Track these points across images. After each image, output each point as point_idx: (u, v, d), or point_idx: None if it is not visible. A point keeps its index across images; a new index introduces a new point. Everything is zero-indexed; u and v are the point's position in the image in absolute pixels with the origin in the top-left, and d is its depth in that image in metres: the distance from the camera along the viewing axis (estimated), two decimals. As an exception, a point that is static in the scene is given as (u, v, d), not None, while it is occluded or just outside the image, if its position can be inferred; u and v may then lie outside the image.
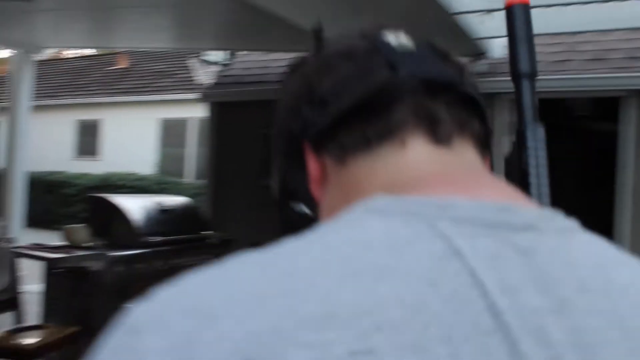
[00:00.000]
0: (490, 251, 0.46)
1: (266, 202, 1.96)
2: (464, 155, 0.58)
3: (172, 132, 16.73)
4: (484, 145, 0.62)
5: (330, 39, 0.67)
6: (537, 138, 0.72)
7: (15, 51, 8.17)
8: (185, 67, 17.92)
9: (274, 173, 0.67)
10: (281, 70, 0.88)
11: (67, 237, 4.67)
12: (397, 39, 0.61)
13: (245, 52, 7.79)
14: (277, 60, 6.69)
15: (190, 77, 17.06)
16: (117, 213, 4.79)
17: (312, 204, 0.63)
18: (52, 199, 16.08)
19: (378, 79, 0.58)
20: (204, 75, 11.52)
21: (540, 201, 0.69)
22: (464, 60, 1.97)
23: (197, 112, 15.98)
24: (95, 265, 4.29)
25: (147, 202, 5.25)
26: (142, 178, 14.94)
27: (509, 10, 0.77)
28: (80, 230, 4.71)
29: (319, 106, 0.60)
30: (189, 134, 16.20)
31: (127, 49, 14.27)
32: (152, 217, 5.01)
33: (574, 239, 0.52)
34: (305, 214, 0.63)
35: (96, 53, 29.73)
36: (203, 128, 16.10)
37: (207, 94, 7.34)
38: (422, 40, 0.63)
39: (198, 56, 11.46)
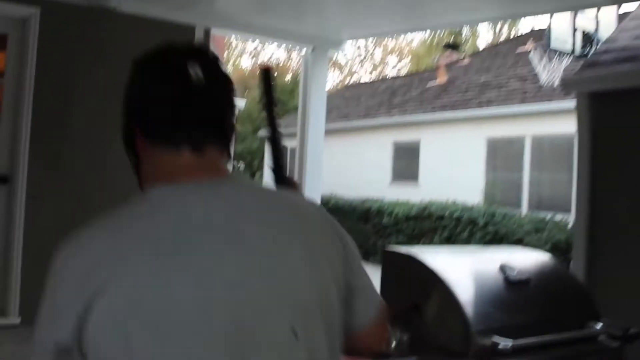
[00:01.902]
0: (202, 197, 1.09)
1: None
2: (208, 156, 1.15)
3: (502, 153, 14.03)
4: (226, 147, 1.18)
5: (157, 55, 1.18)
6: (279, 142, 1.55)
7: (306, 48, 6.38)
8: (515, 77, 15.25)
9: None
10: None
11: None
12: (196, 73, 1.12)
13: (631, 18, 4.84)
14: None
15: (521, 88, 14.30)
16: (435, 288, 2.37)
17: (136, 166, 1.20)
18: (367, 228, 14.54)
19: (173, 110, 1.12)
20: (550, 73, 8.64)
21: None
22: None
23: (531, 129, 13.31)
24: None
25: (484, 265, 2.73)
26: (467, 208, 12.47)
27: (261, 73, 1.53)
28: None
29: (140, 109, 1.16)
30: (524, 155, 13.36)
31: (440, 27, 11.90)
32: (498, 298, 2.50)
33: (247, 185, 1.25)
34: None
35: (411, 72, 28.63)
36: (540, 147, 13.30)
37: (572, 81, 4.44)
38: (211, 67, 1.16)
39: (541, 47, 8.59)
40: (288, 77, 32.67)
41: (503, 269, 2.58)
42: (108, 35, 5.04)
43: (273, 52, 41.15)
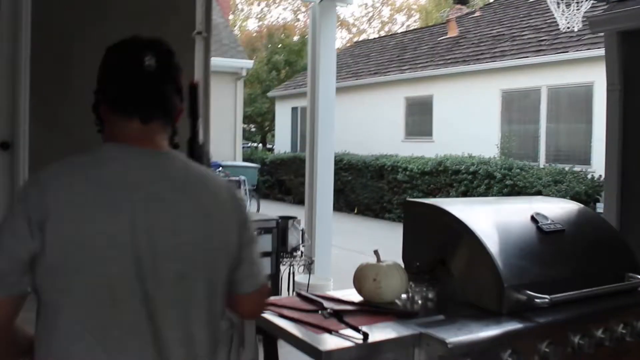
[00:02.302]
0: (138, 162, 1.45)
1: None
2: (153, 127, 1.48)
3: (518, 105, 13.71)
4: (169, 122, 1.52)
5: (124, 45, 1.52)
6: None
7: (315, 1, 6.14)
8: (529, 28, 14.83)
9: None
10: None
11: (363, 285, 2.16)
12: (149, 60, 1.46)
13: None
14: None
15: (535, 38, 13.90)
16: (463, 240, 2.19)
17: (100, 127, 1.53)
18: (382, 185, 14.37)
19: (127, 88, 1.47)
20: (569, 19, 8.29)
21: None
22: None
23: (547, 80, 12.95)
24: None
25: (514, 215, 2.55)
26: (483, 162, 12.23)
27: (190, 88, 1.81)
28: (392, 275, 2.16)
29: (103, 85, 1.50)
30: (540, 107, 13.04)
31: None
32: (532, 250, 2.31)
33: (176, 159, 1.50)
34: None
35: (423, 25, 28.08)
36: (557, 98, 12.96)
37: (601, 19, 4.10)
38: (164, 58, 1.51)
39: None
40: (295, 38, 32.18)
41: (535, 218, 2.39)
42: (107, -9, 4.81)
43: (280, 14, 40.59)
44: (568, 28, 8.33)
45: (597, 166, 11.22)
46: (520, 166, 11.61)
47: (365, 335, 1.73)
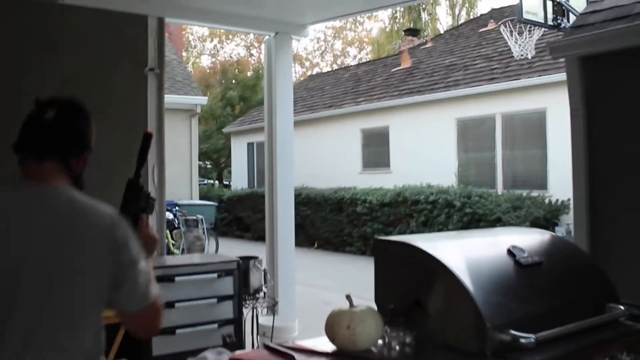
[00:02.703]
0: (31, 194, 1.78)
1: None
2: (47, 168, 1.81)
3: (473, 133, 13.82)
4: (64, 163, 1.84)
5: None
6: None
7: (269, 34, 6.04)
8: (480, 57, 15.05)
9: None
10: None
11: (337, 333, 2.00)
12: (49, 113, 1.84)
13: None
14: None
15: (488, 66, 14.10)
16: (440, 279, 2.08)
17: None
18: (342, 218, 14.26)
19: (25, 135, 1.86)
20: (522, 47, 8.37)
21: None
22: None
23: (501, 107, 13.08)
24: None
25: (488, 248, 2.46)
26: (442, 191, 12.24)
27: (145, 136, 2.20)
28: (366, 321, 2.01)
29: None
30: (496, 134, 13.15)
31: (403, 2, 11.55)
32: (511, 285, 2.21)
33: (63, 193, 1.79)
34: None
35: (376, 57, 28.36)
36: (511, 124, 13.06)
37: (561, 45, 4.09)
38: (66, 112, 1.89)
39: (512, 21, 8.35)
40: (249, 74, 32.16)
41: (512, 251, 2.28)
42: (57, 29, 4.63)
43: (232, 49, 40.67)
44: (522, 55, 8.43)
45: (554, 190, 11.33)
46: (479, 194, 11.66)
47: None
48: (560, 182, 11.02)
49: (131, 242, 1.79)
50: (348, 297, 2.09)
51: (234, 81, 30.93)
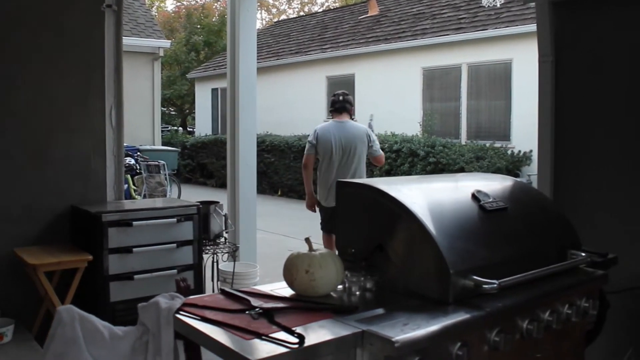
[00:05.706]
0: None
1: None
2: None
3: (439, 83, 13.75)
4: None
5: None
6: None
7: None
8: (449, 6, 14.87)
9: None
10: None
11: (295, 277, 1.94)
12: None
13: None
14: None
15: (455, 16, 13.95)
16: (403, 223, 2.02)
17: None
18: (305, 167, 14.17)
19: None
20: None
21: None
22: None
23: (467, 57, 12.99)
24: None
25: (452, 193, 2.42)
26: (406, 140, 12.22)
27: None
28: (326, 265, 1.95)
29: None
30: (461, 84, 13.10)
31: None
32: (475, 231, 2.16)
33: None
34: None
35: (343, 4, 27.90)
36: (477, 75, 13.01)
37: None
38: None
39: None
40: (214, 19, 31.42)
41: (477, 196, 2.23)
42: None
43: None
44: (490, 3, 8.32)
45: (516, 142, 11.40)
46: (443, 143, 11.67)
47: (301, 339, 1.51)
48: (523, 134, 11.10)
49: None
50: (307, 240, 2.02)
51: (199, 26, 30.22)
